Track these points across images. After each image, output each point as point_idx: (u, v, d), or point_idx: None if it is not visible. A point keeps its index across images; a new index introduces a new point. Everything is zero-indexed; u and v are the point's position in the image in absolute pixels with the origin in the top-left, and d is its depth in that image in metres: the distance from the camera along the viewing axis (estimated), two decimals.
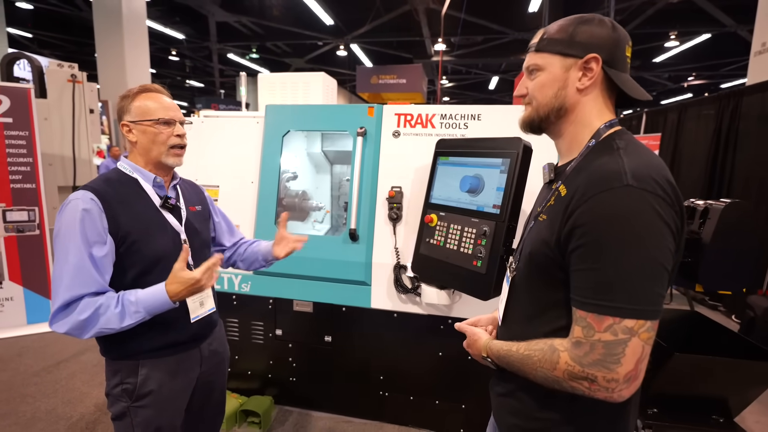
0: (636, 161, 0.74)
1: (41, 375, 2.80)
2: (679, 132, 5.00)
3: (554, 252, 0.79)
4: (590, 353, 0.72)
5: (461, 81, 16.93)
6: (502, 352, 0.88)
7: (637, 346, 0.70)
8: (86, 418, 2.36)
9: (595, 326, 0.71)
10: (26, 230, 3.26)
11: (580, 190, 0.75)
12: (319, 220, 2.92)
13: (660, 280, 0.70)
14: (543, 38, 0.87)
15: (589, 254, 0.72)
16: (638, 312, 0.69)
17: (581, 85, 0.84)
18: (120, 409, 1.25)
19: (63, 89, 3.57)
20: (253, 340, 2.39)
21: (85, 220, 1.13)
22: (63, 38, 11.72)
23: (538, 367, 0.79)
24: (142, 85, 1.28)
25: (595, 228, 0.72)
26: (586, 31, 0.83)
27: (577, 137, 0.87)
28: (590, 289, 0.72)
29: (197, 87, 19.09)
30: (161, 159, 1.27)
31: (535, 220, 0.89)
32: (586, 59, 0.82)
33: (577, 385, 0.74)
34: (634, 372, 0.70)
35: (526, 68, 0.90)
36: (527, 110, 0.91)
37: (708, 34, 10.27)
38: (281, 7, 10.23)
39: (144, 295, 1.15)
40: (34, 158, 3.23)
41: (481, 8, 9.18)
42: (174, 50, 13.14)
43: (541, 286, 0.85)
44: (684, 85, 15.93)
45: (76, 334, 1.12)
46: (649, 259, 0.69)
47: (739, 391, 2.04)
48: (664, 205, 0.71)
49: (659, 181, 0.72)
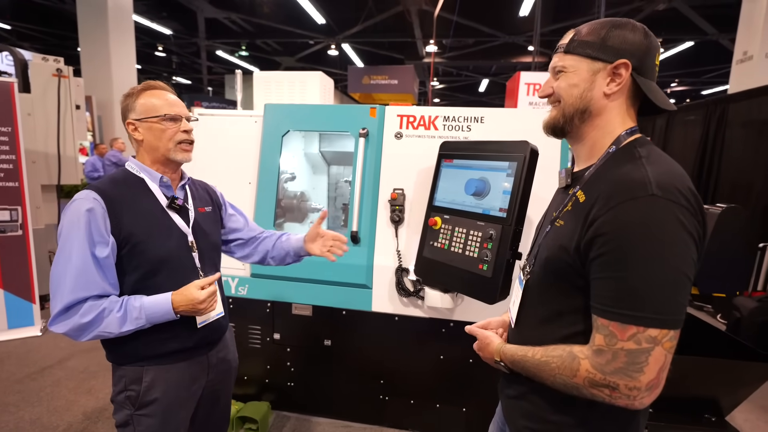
0: (660, 170, 0.75)
1: (24, 382, 2.69)
2: (667, 137, 5.10)
3: (573, 258, 0.79)
4: (612, 361, 0.72)
5: (452, 83, 17.02)
6: (517, 357, 0.89)
7: (660, 355, 0.71)
8: (74, 427, 2.27)
9: (618, 335, 0.72)
10: (8, 230, 3.13)
11: (603, 197, 0.75)
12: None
13: (683, 290, 0.71)
14: (573, 39, 0.86)
15: (613, 263, 0.73)
16: (662, 321, 0.70)
17: (609, 90, 0.83)
18: (123, 417, 1.21)
19: (48, 84, 3.43)
20: (250, 345, 2.34)
21: (89, 220, 1.10)
22: (44, 31, 11.37)
23: (557, 374, 0.79)
24: (146, 82, 1.25)
25: (619, 237, 0.72)
26: (618, 36, 0.82)
27: (599, 143, 0.87)
28: (613, 297, 0.73)
29: (184, 84, 18.74)
30: (169, 155, 1.24)
31: (551, 225, 0.89)
32: (615, 64, 0.82)
33: (597, 393, 0.75)
34: (656, 380, 0.71)
35: (553, 68, 0.90)
36: (553, 111, 0.91)
37: (691, 42, 10.53)
38: (272, 4, 10.12)
39: (149, 303, 1.14)
40: (17, 155, 3.10)
41: (473, 11, 9.24)
42: (161, 46, 12.88)
43: (557, 291, 0.85)
44: (667, 91, 16.34)
45: (74, 335, 1.11)
46: (673, 268, 0.70)
47: (731, 390, 2.08)
48: (687, 215, 0.71)
49: (683, 191, 0.72)
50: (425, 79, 14.20)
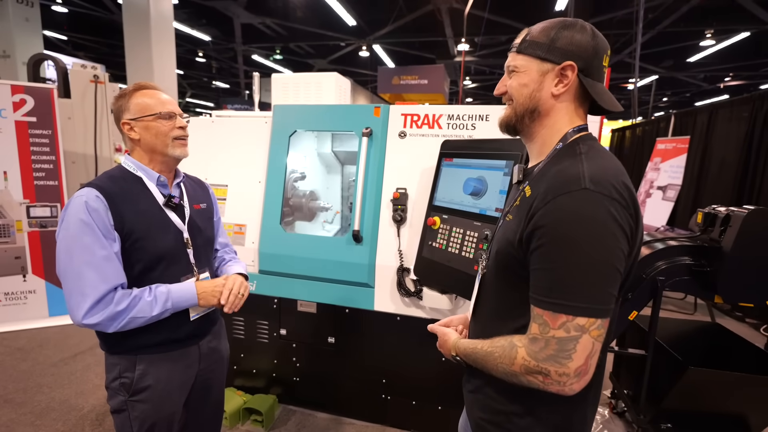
0: (595, 166, 0.77)
1: (58, 366, 2.90)
2: (709, 134, 4.77)
3: (518, 251, 0.81)
4: (545, 349, 0.75)
5: (484, 81, 16.70)
6: (468, 350, 0.92)
7: (588, 343, 0.73)
8: (96, 409, 2.43)
9: (550, 323, 0.75)
10: (49, 226, 3.40)
11: (542, 192, 0.78)
12: (329, 220, 2.92)
13: (612, 281, 0.74)
14: (525, 39, 0.88)
15: (547, 254, 0.75)
16: (590, 310, 0.73)
17: (556, 90, 0.86)
18: (118, 403, 1.27)
19: (86, 89, 3.70)
20: (258, 339, 2.40)
21: (95, 216, 1.14)
22: (96, 40, 12.18)
23: (499, 363, 0.82)
24: (137, 83, 1.29)
25: (552, 229, 0.74)
26: (566, 37, 0.84)
27: (548, 141, 0.89)
28: (546, 287, 0.76)
29: (222, 88, 19.52)
30: (167, 151, 1.28)
31: (503, 220, 0.92)
32: (562, 66, 0.84)
33: (532, 379, 0.78)
34: (584, 367, 0.74)
35: (507, 67, 0.92)
36: (507, 110, 0.93)
37: (747, 33, 9.75)
38: (304, 8, 10.32)
39: (175, 289, 1.24)
40: (56, 156, 3.36)
41: (505, 7, 9.02)
42: (200, 51, 13.47)
43: (506, 284, 0.88)
44: (720, 86, 15.22)
45: (106, 325, 1.14)
46: (602, 260, 0.72)
47: (760, 408, 1.92)
48: (619, 208, 0.73)
49: (616, 185, 0.74)
50: (456, 78, 14.01)
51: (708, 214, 1.93)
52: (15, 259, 3.39)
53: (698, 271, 1.85)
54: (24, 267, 3.41)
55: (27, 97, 3.25)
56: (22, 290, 3.46)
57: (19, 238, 3.38)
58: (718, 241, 1.82)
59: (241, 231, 2.36)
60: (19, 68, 7.15)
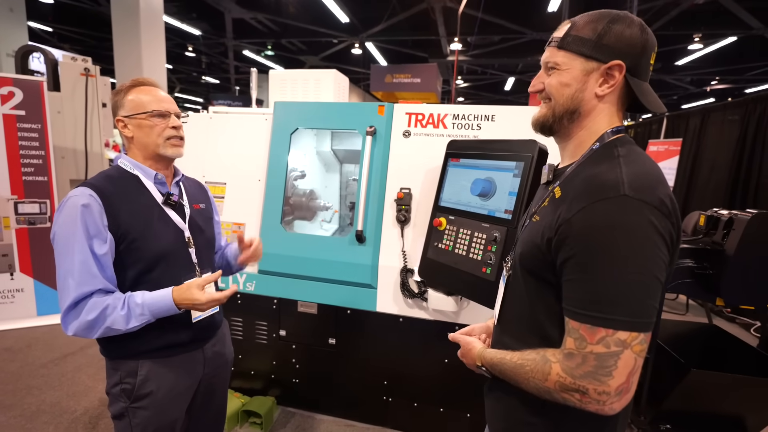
0: (635, 171, 0.72)
1: (48, 367, 2.82)
2: (701, 137, 4.84)
3: (545, 255, 0.78)
4: (582, 365, 0.71)
5: (476, 81, 16.73)
6: (495, 361, 0.87)
7: (630, 359, 0.68)
8: (90, 412, 2.36)
9: (588, 338, 0.70)
10: (37, 222, 3.29)
11: (576, 196, 0.74)
12: (327, 219, 2.88)
13: (654, 292, 0.69)
14: (568, 34, 0.81)
15: (583, 264, 0.71)
16: (632, 324, 0.68)
17: (601, 91, 0.80)
18: (119, 409, 1.23)
19: (76, 83, 3.59)
20: (256, 340, 2.36)
21: (86, 216, 1.11)
22: (82, 33, 11.88)
23: (530, 377, 0.78)
24: (134, 78, 1.26)
25: (589, 238, 0.70)
26: (615, 33, 0.78)
27: (584, 142, 0.85)
28: (583, 299, 0.71)
29: (212, 83, 19.24)
30: (159, 151, 1.24)
31: (529, 220, 0.88)
32: (609, 65, 0.78)
33: (568, 397, 0.73)
34: (626, 385, 0.69)
35: (545, 63, 0.85)
36: (543, 109, 0.87)
37: (733, 37, 9.94)
38: (297, 4, 10.22)
39: (150, 299, 1.14)
40: (46, 151, 3.26)
41: (499, 7, 9.04)
42: (190, 46, 13.24)
43: (532, 287, 0.84)
44: (707, 89, 15.50)
45: (85, 334, 1.12)
46: (644, 271, 0.68)
47: (757, 409, 1.95)
48: (660, 217, 0.69)
49: (658, 193, 0.70)
50: (449, 77, 14.03)
51: (711, 217, 1.95)
52: (2, 256, 3.28)
53: (701, 274, 1.87)
54: (11, 265, 3.30)
55: (15, 90, 3.13)
56: (9, 289, 3.35)
57: (7, 235, 3.27)
58: (721, 244, 1.84)
59: (239, 230, 2.31)
60: (4, 60, 6.94)
